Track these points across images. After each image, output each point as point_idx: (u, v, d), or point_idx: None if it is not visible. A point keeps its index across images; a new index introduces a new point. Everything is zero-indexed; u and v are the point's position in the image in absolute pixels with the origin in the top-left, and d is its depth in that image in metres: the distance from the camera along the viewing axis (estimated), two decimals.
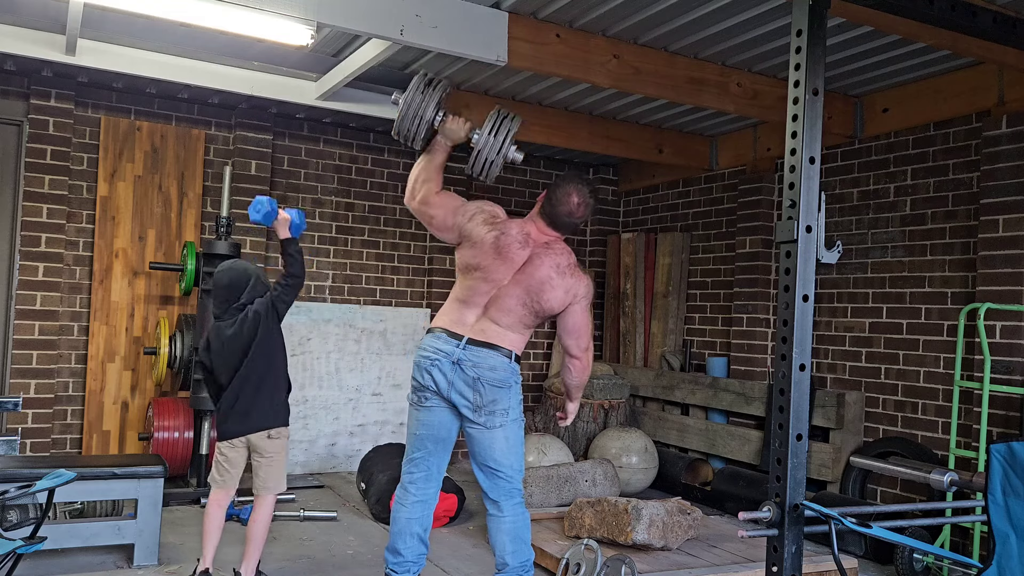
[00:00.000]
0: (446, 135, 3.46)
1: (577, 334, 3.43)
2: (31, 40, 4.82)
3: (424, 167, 3.48)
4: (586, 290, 3.40)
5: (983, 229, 4.71)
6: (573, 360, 3.48)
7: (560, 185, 3.39)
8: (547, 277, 3.30)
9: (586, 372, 3.52)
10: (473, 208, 3.42)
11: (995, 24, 2.85)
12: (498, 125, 3.39)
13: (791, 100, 2.44)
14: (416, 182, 3.47)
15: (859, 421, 5.45)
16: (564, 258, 3.36)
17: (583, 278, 3.40)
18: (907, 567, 4.27)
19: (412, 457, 3.48)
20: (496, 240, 3.30)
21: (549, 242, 3.39)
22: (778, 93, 5.23)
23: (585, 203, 3.38)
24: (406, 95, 3.38)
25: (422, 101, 3.37)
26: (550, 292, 3.30)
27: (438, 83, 3.42)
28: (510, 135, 3.40)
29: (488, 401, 3.28)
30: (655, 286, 7.31)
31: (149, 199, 6.23)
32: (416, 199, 3.45)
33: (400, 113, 3.39)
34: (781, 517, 2.34)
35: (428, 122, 3.40)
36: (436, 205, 3.43)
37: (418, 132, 3.41)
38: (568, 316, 3.39)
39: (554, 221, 3.39)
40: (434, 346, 3.33)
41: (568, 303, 3.35)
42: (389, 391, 6.77)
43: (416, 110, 3.37)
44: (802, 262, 2.38)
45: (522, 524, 3.38)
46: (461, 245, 3.40)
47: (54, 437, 5.93)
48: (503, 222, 3.37)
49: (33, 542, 2.85)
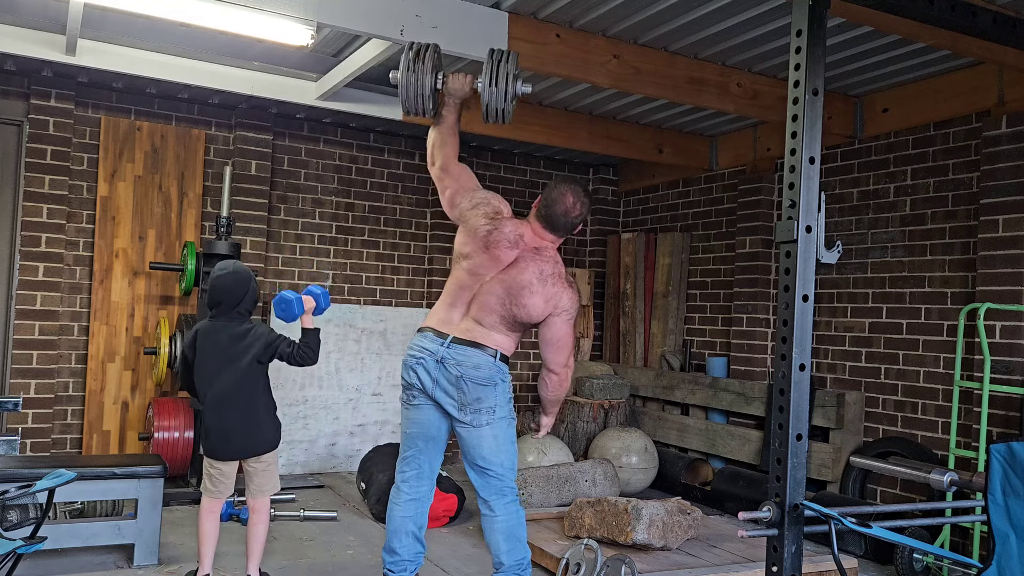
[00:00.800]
0: (451, 95, 3.47)
1: (556, 347, 3.33)
2: (31, 40, 4.82)
3: (439, 130, 3.50)
4: (570, 303, 3.30)
5: (983, 229, 4.71)
6: (550, 375, 3.39)
7: (555, 186, 3.39)
8: (528, 282, 3.24)
9: (562, 388, 3.44)
10: (481, 197, 3.42)
11: (995, 24, 2.86)
12: (496, 71, 3.36)
13: (791, 100, 2.44)
14: (434, 147, 3.50)
15: (859, 421, 5.45)
16: (550, 266, 3.29)
17: (568, 291, 3.30)
18: (907, 567, 4.27)
19: (404, 456, 3.49)
20: (488, 234, 3.30)
21: (540, 248, 3.35)
22: (778, 93, 5.23)
23: (580, 203, 3.36)
24: (400, 75, 3.35)
25: (417, 78, 3.34)
26: (529, 298, 3.24)
27: (426, 50, 3.39)
28: (511, 76, 3.37)
29: (472, 399, 3.26)
30: (655, 286, 7.31)
31: (149, 199, 6.24)
32: (436, 164, 3.48)
33: (401, 95, 3.38)
34: (781, 517, 2.34)
35: (430, 92, 3.38)
36: (453, 177, 3.46)
37: (425, 106, 3.40)
38: (548, 328, 3.30)
39: (550, 222, 3.37)
40: (420, 345, 3.33)
41: (548, 313, 3.28)
42: (389, 391, 6.77)
43: (415, 88, 3.35)
44: (802, 262, 2.38)
45: (516, 523, 3.35)
46: (459, 229, 3.43)
47: (54, 437, 5.93)
48: (502, 219, 3.35)
49: (33, 542, 2.85)
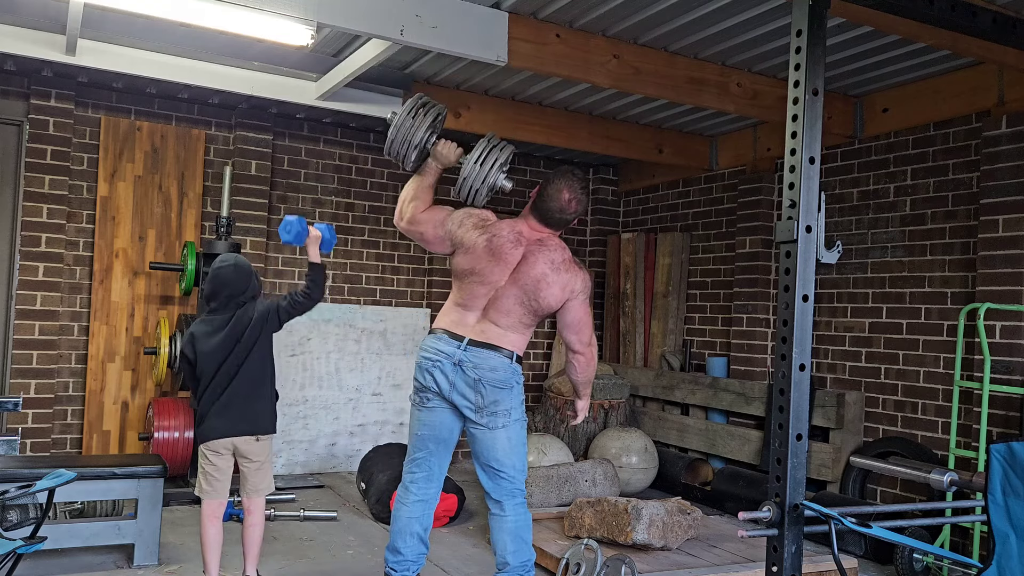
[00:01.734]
0: (436, 159, 3.47)
1: (578, 329, 3.40)
2: (31, 40, 4.82)
3: (415, 188, 3.49)
4: (583, 284, 3.37)
5: (983, 229, 4.71)
6: (577, 356, 3.47)
7: (551, 181, 3.38)
8: (542, 274, 3.29)
9: (591, 366, 3.50)
10: (461, 215, 3.42)
11: (995, 24, 2.86)
12: (485, 154, 3.37)
13: (791, 100, 2.44)
14: (405, 202, 3.48)
15: (859, 421, 5.45)
16: (559, 253, 3.34)
17: (580, 272, 3.38)
18: (907, 567, 4.27)
19: (414, 457, 3.49)
20: (488, 242, 3.30)
21: (542, 239, 3.37)
22: (778, 93, 5.23)
23: (576, 199, 3.36)
24: (397, 117, 3.37)
25: (412, 126, 3.35)
26: (547, 289, 3.29)
27: (431, 106, 3.41)
28: (497, 164, 3.38)
29: (490, 402, 3.28)
30: (655, 286, 7.31)
31: (149, 199, 6.24)
32: (404, 219, 3.47)
33: (390, 135, 3.38)
34: (781, 517, 2.34)
35: (417, 146, 3.39)
36: (423, 221, 3.43)
37: (407, 155, 3.41)
38: (567, 312, 3.37)
39: (545, 217, 3.38)
40: (436, 347, 3.33)
41: (566, 299, 3.34)
42: (389, 391, 6.77)
43: (405, 134, 3.36)
44: (802, 262, 2.38)
45: (524, 524, 3.39)
46: (455, 253, 3.40)
47: (54, 437, 5.93)
48: (494, 224, 3.37)
49: (33, 542, 2.85)
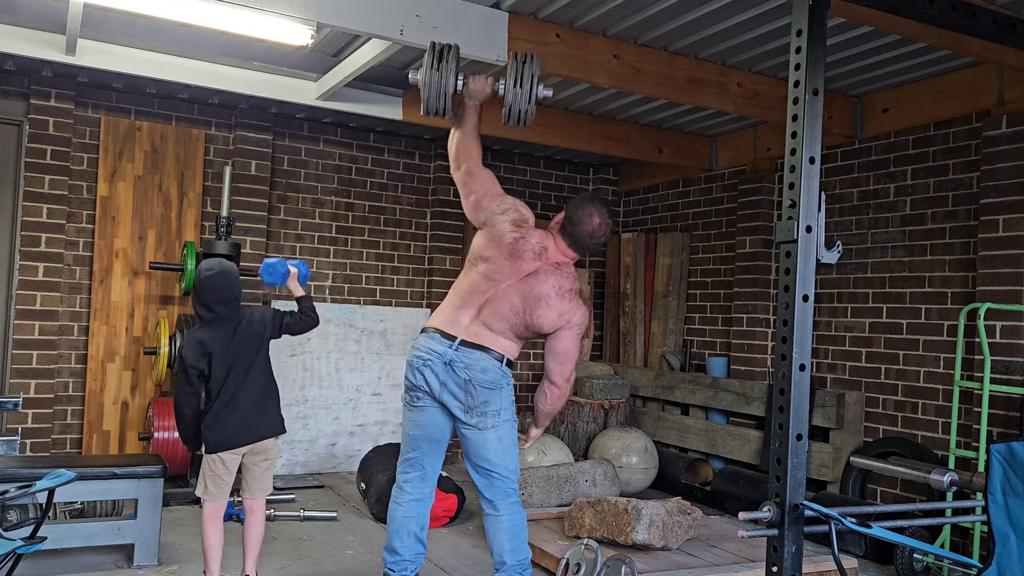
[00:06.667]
0: (472, 96, 3.48)
1: (563, 360, 3.38)
2: (31, 40, 4.82)
3: (461, 134, 3.50)
4: (581, 319, 3.36)
5: (983, 229, 4.71)
6: (552, 387, 3.43)
7: (581, 206, 3.39)
8: (545, 295, 3.29)
9: (561, 401, 3.47)
10: (509, 203, 3.44)
11: (995, 24, 2.85)
12: (521, 73, 3.37)
13: (791, 100, 2.44)
14: (458, 150, 3.50)
15: (859, 421, 5.45)
16: (568, 282, 3.36)
17: (581, 307, 3.38)
18: (907, 567, 4.27)
19: (407, 457, 3.50)
20: (515, 242, 3.32)
21: (561, 264, 3.39)
22: (778, 93, 5.23)
23: (605, 223, 3.40)
24: (423, 75, 3.35)
25: (441, 77, 3.34)
26: (544, 310, 3.29)
27: (448, 49, 3.39)
28: (535, 79, 3.37)
29: (479, 402, 3.29)
30: (655, 286, 7.31)
31: (149, 199, 6.23)
32: (462, 168, 3.49)
33: (423, 95, 3.37)
34: (781, 517, 2.33)
35: (452, 92, 3.38)
36: (479, 182, 3.46)
37: (448, 106, 3.41)
38: (558, 340, 3.36)
39: (576, 241, 3.40)
40: (428, 346, 3.34)
41: (560, 327, 3.33)
42: (389, 391, 6.77)
43: (438, 88, 3.35)
44: (802, 262, 2.38)
45: (519, 523, 3.39)
46: (481, 231, 3.42)
47: (54, 437, 5.93)
48: (528, 228, 3.39)
49: (33, 542, 2.85)
